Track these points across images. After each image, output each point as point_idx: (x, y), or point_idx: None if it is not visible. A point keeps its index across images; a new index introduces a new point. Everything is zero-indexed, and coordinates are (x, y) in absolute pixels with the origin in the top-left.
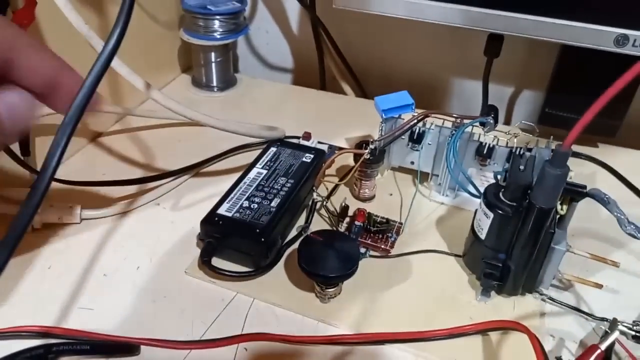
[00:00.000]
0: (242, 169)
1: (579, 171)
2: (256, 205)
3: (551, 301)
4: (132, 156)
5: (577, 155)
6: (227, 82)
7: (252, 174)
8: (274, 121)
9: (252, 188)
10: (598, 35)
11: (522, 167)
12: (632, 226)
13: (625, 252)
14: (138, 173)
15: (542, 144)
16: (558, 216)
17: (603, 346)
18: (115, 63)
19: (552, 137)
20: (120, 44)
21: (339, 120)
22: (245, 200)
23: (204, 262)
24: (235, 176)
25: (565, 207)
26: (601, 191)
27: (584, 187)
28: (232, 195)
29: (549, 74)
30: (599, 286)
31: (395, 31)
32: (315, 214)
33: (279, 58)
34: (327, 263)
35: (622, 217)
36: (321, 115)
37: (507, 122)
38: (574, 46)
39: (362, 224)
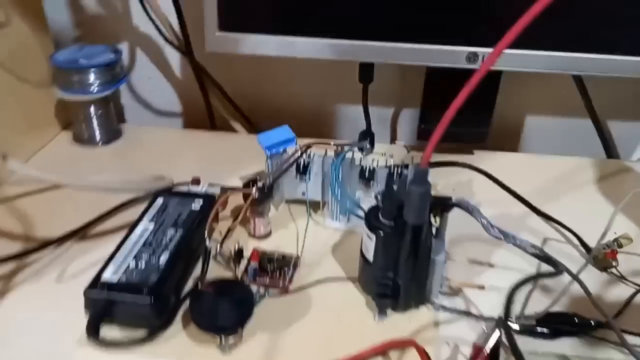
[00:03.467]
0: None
1: (457, 179)
2: (144, 264)
3: (443, 309)
4: (9, 229)
5: (454, 164)
6: (112, 134)
7: (139, 230)
8: (165, 169)
9: (139, 245)
10: (452, 55)
11: (395, 187)
12: (495, 229)
13: (505, 250)
14: (17, 246)
15: (417, 159)
16: (434, 228)
17: (488, 348)
18: None
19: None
20: None
21: (231, 159)
22: (132, 259)
23: (90, 337)
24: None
25: (438, 218)
26: (465, 200)
27: (450, 198)
28: (117, 256)
29: (420, 92)
30: (482, 287)
31: (277, 66)
32: (212, 261)
33: (166, 103)
34: (219, 313)
35: (486, 222)
36: (213, 156)
37: (393, 141)
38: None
39: (257, 265)
